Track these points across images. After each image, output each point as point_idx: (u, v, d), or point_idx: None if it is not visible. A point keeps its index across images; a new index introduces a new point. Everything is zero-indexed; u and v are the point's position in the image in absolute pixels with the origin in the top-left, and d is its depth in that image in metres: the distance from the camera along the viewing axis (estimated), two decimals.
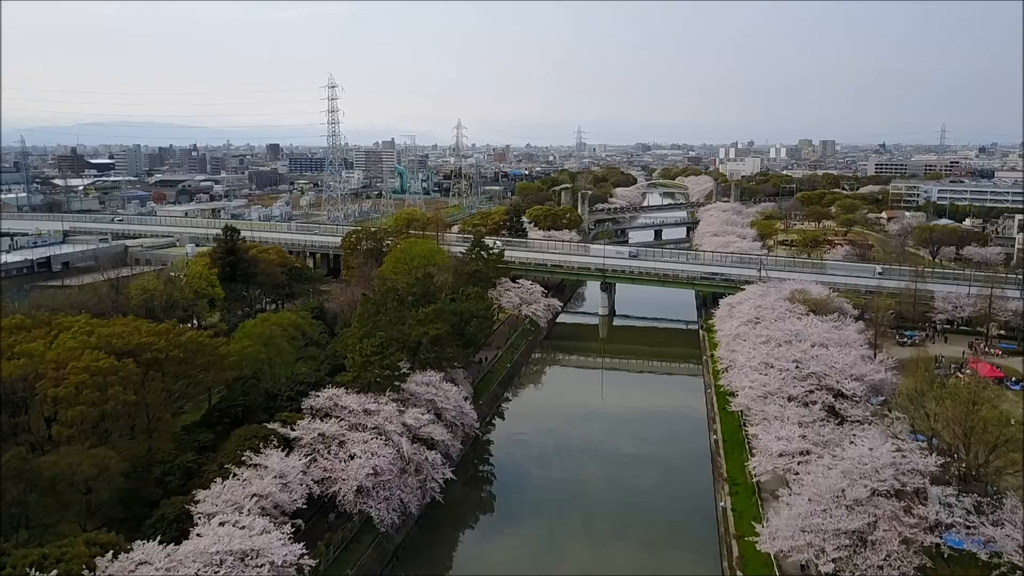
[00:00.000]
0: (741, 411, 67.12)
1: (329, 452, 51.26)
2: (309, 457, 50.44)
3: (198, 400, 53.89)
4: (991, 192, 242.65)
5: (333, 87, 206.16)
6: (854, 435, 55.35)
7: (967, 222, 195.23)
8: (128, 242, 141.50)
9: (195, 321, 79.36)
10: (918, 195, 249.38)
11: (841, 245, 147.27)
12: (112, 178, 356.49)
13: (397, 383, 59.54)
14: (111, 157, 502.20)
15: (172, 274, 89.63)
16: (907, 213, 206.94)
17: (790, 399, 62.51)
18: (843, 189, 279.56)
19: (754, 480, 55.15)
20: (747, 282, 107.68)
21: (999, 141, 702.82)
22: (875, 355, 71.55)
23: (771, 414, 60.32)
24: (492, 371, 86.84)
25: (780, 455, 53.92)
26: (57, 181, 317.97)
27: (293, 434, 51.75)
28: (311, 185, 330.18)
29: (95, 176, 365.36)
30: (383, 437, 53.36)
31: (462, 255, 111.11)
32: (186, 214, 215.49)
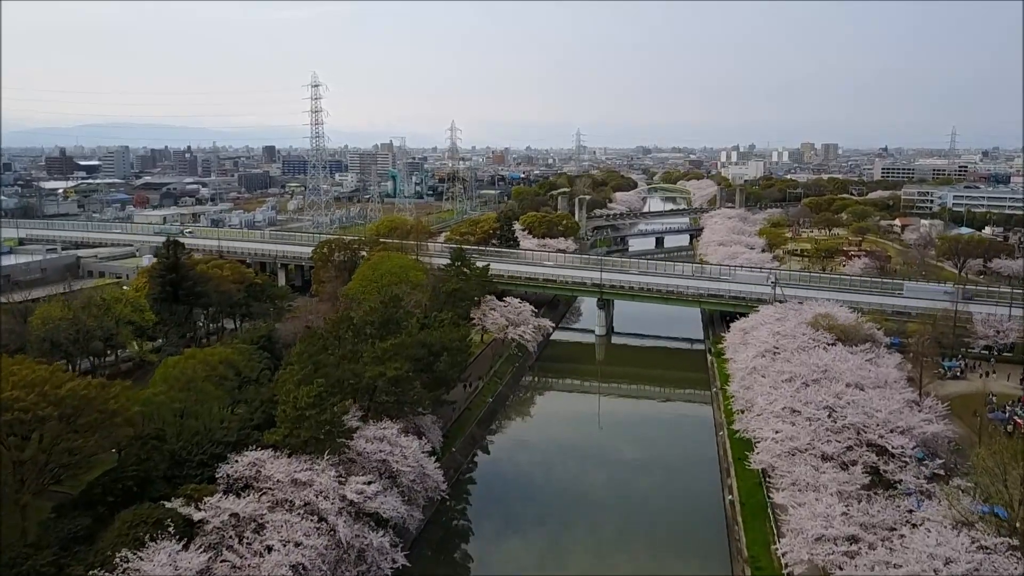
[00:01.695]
0: (763, 468, 55.76)
1: (241, 541, 39.98)
2: (215, 549, 39.23)
3: (78, 471, 42.60)
4: (1010, 198, 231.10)
5: (316, 86, 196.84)
6: (910, 512, 44.54)
7: (987, 230, 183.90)
8: (81, 252, 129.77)
9: (116, 355, 67.83)
10: (931, 201, 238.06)
11: (859, 256, 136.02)
12: (97, 180, 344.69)
13: (341, 440, 48.23)
14: (100, 159, 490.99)
15: (122, 288, 78.54)
16: (923, 221, 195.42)
17: (824, 458, 51.31)
18: (851, 194, 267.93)
19: (785, 573, 43.75)
20: (760, 300, 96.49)
21: (1000, 144, 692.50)
22: (921, 398, 60.16)
23: (802, 479, 49.04)
24: (471, 407, 75.36)
25: (818, 539, 42.68)
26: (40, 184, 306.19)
27: (198, 515, 40.55)
28: (302, 188, 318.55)
29: (82, 179, 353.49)
30: (315, 517, 42.17)
31: (443, 269, 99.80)
32: (164, 219, 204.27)
